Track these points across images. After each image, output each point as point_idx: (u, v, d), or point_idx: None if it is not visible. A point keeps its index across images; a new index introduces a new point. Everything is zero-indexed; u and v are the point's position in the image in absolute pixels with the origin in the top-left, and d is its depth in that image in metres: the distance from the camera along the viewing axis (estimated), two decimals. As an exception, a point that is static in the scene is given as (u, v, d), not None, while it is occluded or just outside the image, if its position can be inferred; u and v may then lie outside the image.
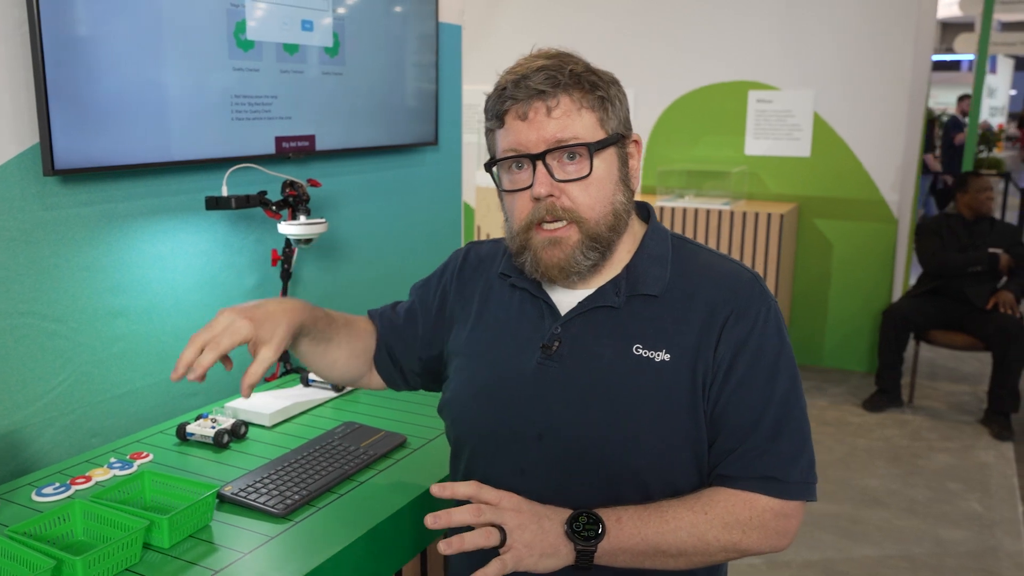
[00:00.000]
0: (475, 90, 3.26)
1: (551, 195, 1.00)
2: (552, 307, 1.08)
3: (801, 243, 4.84)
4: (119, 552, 1.09)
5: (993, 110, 13.81)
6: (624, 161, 1.05)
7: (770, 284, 4.47)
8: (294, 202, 1.74)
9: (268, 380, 1.90)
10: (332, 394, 1.74)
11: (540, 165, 0.99)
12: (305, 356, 1.22)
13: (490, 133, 1.06)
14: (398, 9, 2.13)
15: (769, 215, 4.41)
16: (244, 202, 1.65)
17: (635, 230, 1.10)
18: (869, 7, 4.47)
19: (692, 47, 4.85)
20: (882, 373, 4.28)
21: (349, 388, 1.78)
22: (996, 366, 4.01)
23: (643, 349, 1.02)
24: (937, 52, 11.88)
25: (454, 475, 1.19)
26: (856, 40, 4.52)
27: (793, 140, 4.74)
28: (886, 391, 4.28)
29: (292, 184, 1.75)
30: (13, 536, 1.09)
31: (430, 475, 1.38)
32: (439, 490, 0.99)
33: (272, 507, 1.25)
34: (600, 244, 1.02)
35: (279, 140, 1.83)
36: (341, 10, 1.94)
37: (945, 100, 13.41)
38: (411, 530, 1.31)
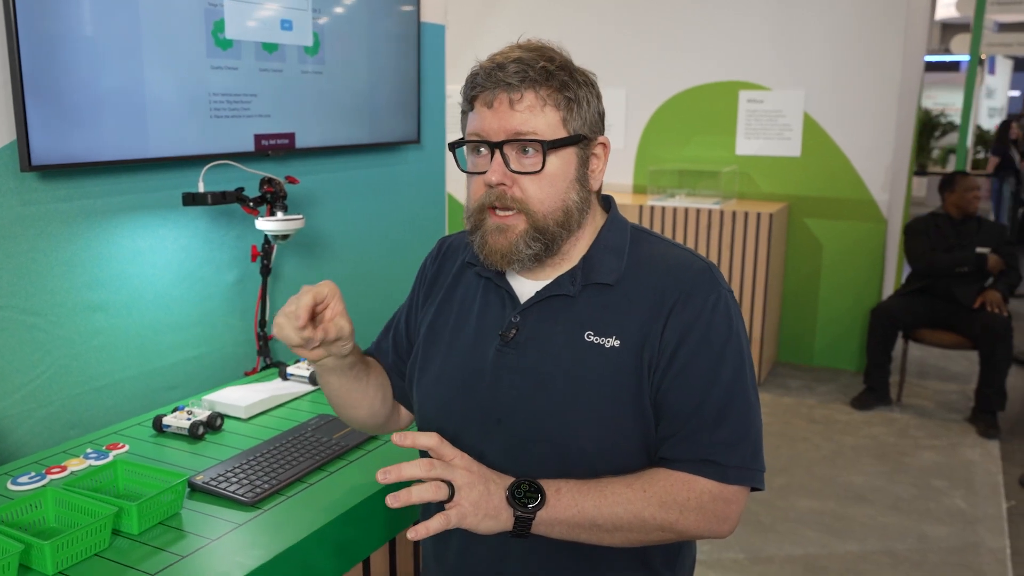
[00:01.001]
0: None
1: (503, 184, 1.03)
2: (513, 296, 1.11)
3: (791, 243, 4.86)
4: (88, 537, 1.11)
5: (992, 111, 13.83)
6: (584, 161, 1.08)
7: (760, 283, 4.49)
8: (271, 198, 1.77)
9: (249, 374, 1.93)
10: (309, 387, 1.77)
11: (497, 153, 1.03)
12: (343, 398, 1.18)
13: (463, 115, 1.10)
14: (380, 9, 2.16)
15: (759, 215, 4.43)
16: (220, 198, 1.67)
17: (596, 223, 1.13)
18: (860, 8, 4.49)
19: (683, 47, 4.87)
20: (870, 372, 4.30)
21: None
22: (983, 365, 4.03)
23: (594, 336, 1.05)
24: (936, 53, 11.90)
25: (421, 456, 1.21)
26: (847, 41, 4.54)
27: (784, 140, 4.76)
28: (874, 389, 4.30)
29: (269, 181, 1.77)
30: (-17, 521, 1.12)
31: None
32: (400, 438, 0.97)
33: (241, 495, 1.27)
34: (544, 236, 1.05)
35: (258, 138, 1.85)
36: (321, 10, 1.97)
37: (944, 101, 13.41)
38: (380, 519, 1.34)
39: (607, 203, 1.15)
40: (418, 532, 0.94)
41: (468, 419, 1.11)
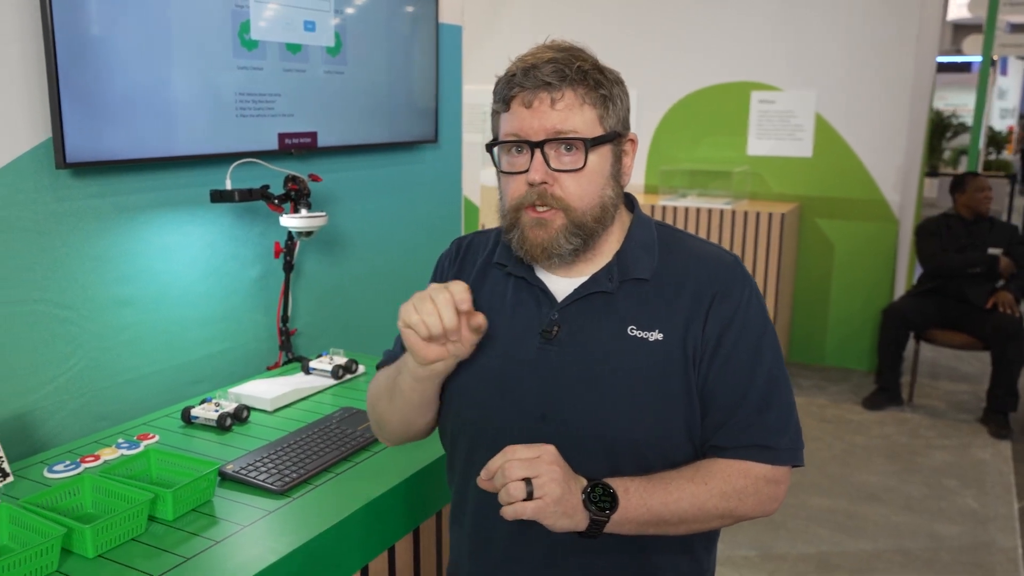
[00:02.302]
0: (477, 90, 3.32)
1: (544, 182, 1.05)
2: (548, 294, 1.12)
3: (803, 243, 4.88)
4: (126, 522, 1.15)
5: (1004, 112, 13.77)
6: (618, 158, 1.11)
7: (771, 283, 4.51)
8: (296, 196, 1.80)
9: (271, 368, 1.96)
10: (331, 381, 1.80)
11: (538, 153, 1.05)
12: (425, 398, 1.14)
13: (495, 115, 1.11)
14: (399, 10, 2.20)
15: (771, 215, 4.45)
16: (247, 195, 1.71)
17: (623, 220, 1.16)
18: (872, 8, 4.51)
19: (695, 48, 4.90)
20: (882, 372, 4.31)
21: (348, 376, 1.85)
22: (995, 365, 4.04)
23: (637, 330, 1.07)
24: (948, 54, 11.85)
25: (452, 465, 1.21)
26: (859, 41, 4.56)
27: (795, 140, 4.78)
28: (886, 389, 4.31)
29: (294, 179, 1.81)
30: (26, 506, 1.15)
31: (423, 457, 1.43)
32: (487, 475, 0.99)
33: (271, 484, 1.31)
34: (583, 232, 1.07)
35: (282, 136, 1.89)
36: (343, 11, 2.01)
37: (955, 102, 13.36)
38: (404, 508, 1.37)
39: (629, 201, 1.18)
40: (505, 513, 0.97)
41: (510, 417, 1.11)
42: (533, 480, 0.97)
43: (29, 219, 1.48)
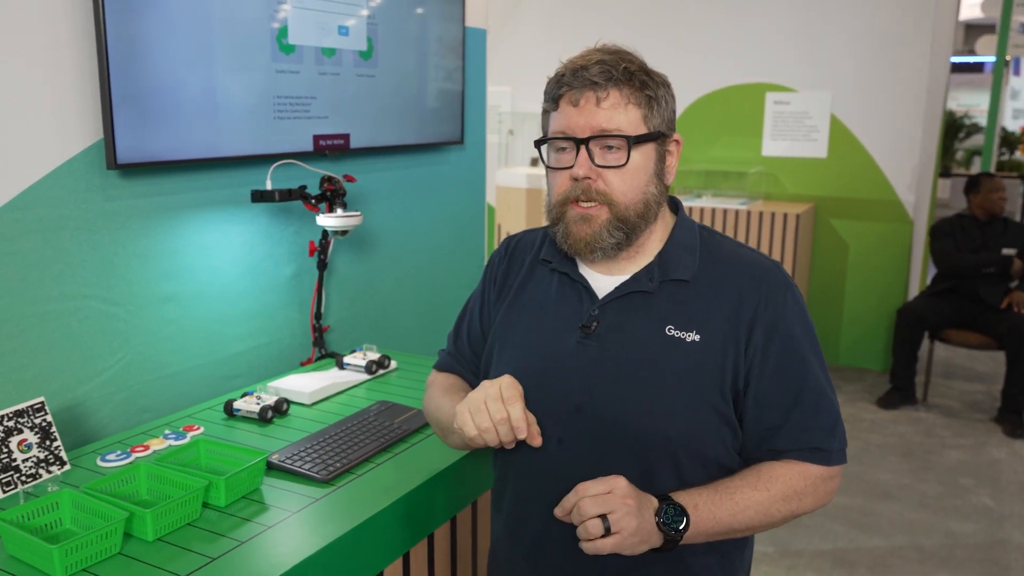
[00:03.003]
0: (491, 92, 3.36)
1: (588, 177, 1.10)
2: (590, 290, 1.17)
3: (817, 243, 4.91)
4: (182, 507, 1.20)
5: (1016, 112, 13.72)
6: (662, 157, 1.15)
7: (786, 283, 4.54)
8: (331, 196, 1.86)
9: (305, 364, 2.02)
10: (365, 376, 1.85)
11: (583, 149, 1.10)
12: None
13: (545, 114, 1.17)
14: (427, 14, 2.25)
15: (786, 215, 4.48)
16: (287, 195, 1.76)
17: (666, 221, 1.19)
18: (886, 9, 4.53)
19: (710, 49, 4.93)
20: (896, 371, 4.34)
21: (381, 371, 1.90)
22: (1010, 365, 4.06)
23: (675, 330, 1.11)
24: (960, 54, 11.83)
25: (495, 453, 1.26)
26: (873, 42, 4.58)
27: (810, 141, 4.81)
28: (900, 389, 4.33)
29: (330, 179, 1.86)
30: (89, 492, 1.21)
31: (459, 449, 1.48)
32: (562, 512, 1.05)
33: (316, 473, 1.36)
34: (626, 226, 1.12)
35: (317, 138, 1.94)
36: (374, 16, 2.06)
37: (967, 102, 13.32)
38: (443, 498, 1.42)
39: (674, 203, 1.22)
40: (586, 548, 1.01)
41: (547, 408, 1.15)
42: (609, 516, 1.01)
43: (80, 218, 1.54)
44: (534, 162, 5.55)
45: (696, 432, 1.10)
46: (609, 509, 1.01)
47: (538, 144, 1.17)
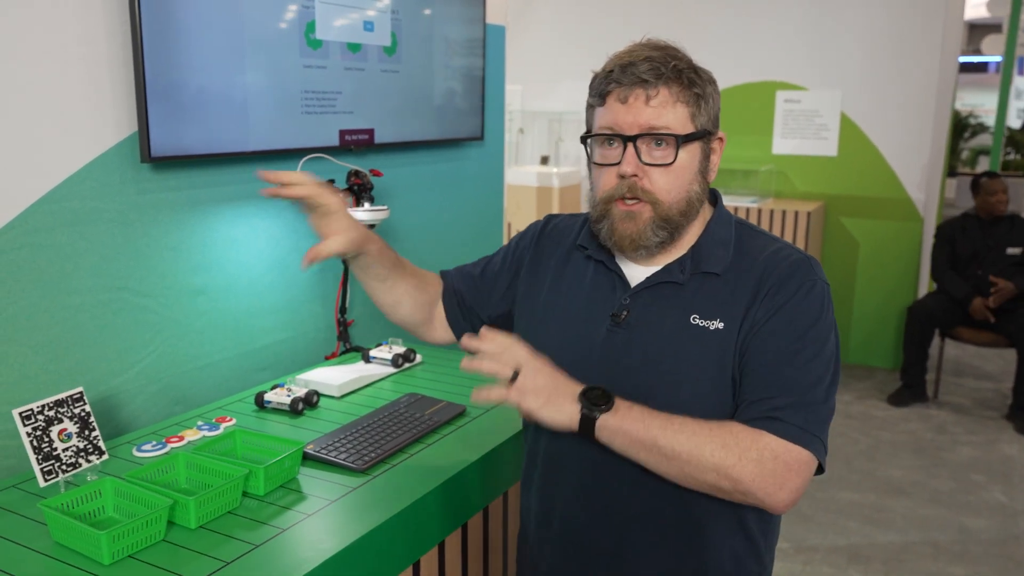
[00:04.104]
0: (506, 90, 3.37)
1: (635, 175, 1.11)
2: (623, 279, 1.18)
3: (827, 241, 4.92)
4: (223, 495, 1.22)
5: (1020, 112, 13.72)
6: (706, 155, 1.15)
7: (796, 280, 4.55)
8: (358, 190, 1.87)
9: (329, 357, 2.03)
10: (391, 369, 1.87)
11: (631, 146, 1.10)
12: (369, 290, 1.38)
13: (590, 109, 1.17)
14: (449, 10, 2.26)
15: (796, 213, 4.50)
16: (316, 189, 1.77)
17: (704, 214, 1.20)
18: (896, 8, 4.54)
19: (720, 48, 4.94)
20: (907, 369, 4.35)
21: (407, 364, 1.91)
22: (1020, 363, 4.07)
23: (699, 319, 1.12)
24: (963, 53, 11.83)
25: (526, 425, 1.31)
26: (883, 40, 4.60)
27: (820, 139, 4.82)
28: (911, 386, 4.35)
29: (357, 173, 1.88)
30: (131, 480, 1.22)
31: (491, 440, 1.50)
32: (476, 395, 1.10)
33: (351, 463, 1.37)
34: (670, 225, 1.12)
35: (342, 133, 1.96)
36: (398, 11, 2.07)
37: (972, 102, 13.33)
38: (476, 488, 1.43)
39: (713, 196, 1.22)
40: (479, 395, 1.07)
41: None
42: (520, 370, 1.07)
43: (114, 211, 1.55)
44: (544, 160, 5.56)
45: (719, 417, 1.09)
46: (518, 364, 1.07)
47: (584, 139, 1.17)
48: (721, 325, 1.11)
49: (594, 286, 1.21)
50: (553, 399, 1.06)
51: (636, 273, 1.18)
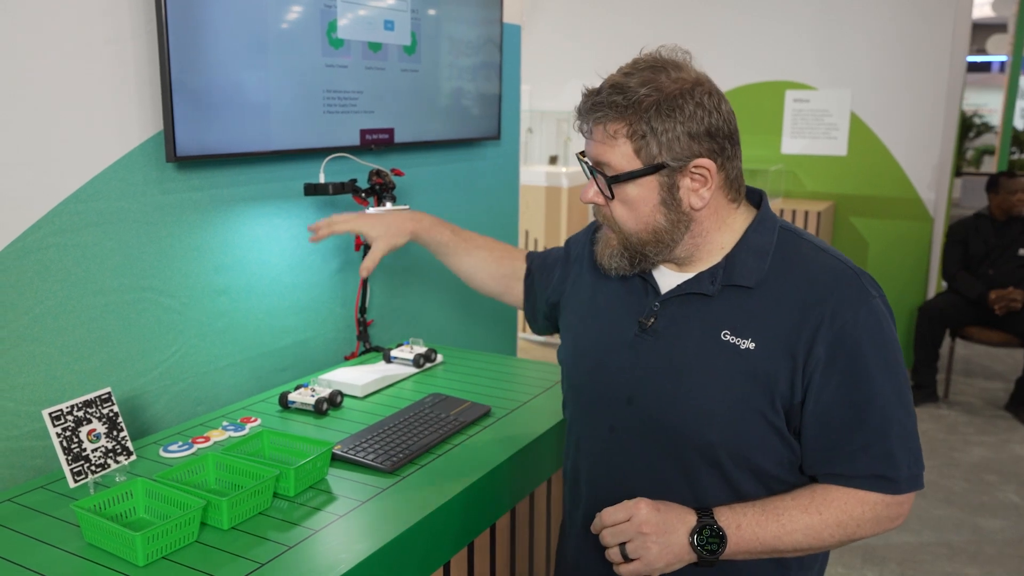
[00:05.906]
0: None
1: (592, 203, 1.14)
2: (655, 286, 1.17)
3: (837, 241, 4.91)
4: (255, 496, 1.21)
5: (1024, 112, 13.69)
6: (671, 186, 1.06)
7: (806, 280, 4.55)
8: (380, 190, 1.86)
9: (349, 358, 2.02)
10: (413, 370, 1.86)
11: (593, 176, 1.12)
12: (443, 260, 1.59)
13: None
14: (467, 10, 2.25)
15: (806, 212, 4.49)
16: (340, 188, 1.77)
17: (740, 220, 1.13)
18: (905, 7, 4.53)
19: (729, 48, 4.94)
20: (918, 369, 4.34)
21: (429, 364, 1.90)
22: (1031, 362, 4.06)
23: (731, 336, 1.08)
24: (969, 53, 11.82)
25: (567, 433, 1.32)
26: (892, 40, 4.59)
27: (830, 139, 4.81)
28: (922, 386, 4.34)
29: (379, 173, 1.87)
30: (163, 481, 1.22)
31: (516, 440, 1.49)
32: (594, 531, 1.11)
33: (380, 464, 1.37)
34: (630, 252, 1.13)
35: (363, 132, 1.95)
36: (419, 11, 2.07)
37: (976, 101, 13.30)
38: (505, 488, 1.43)
39: (758, 197, 1.17)
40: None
41: (601, 396, 1.18)
42: (627, 545, 1.04)
43: (139, 210, 1.55)
44: (552, 160, 5.55)
45: (739, 439, 1.07)
46: (625, 538, 1.05)
47: (580, 156, 1.19)
48: (752, 345, 1.06)
49: (628, 290, 1.20)
50: (671, 559, 1.05)
51: (669, 280, 1.17)
